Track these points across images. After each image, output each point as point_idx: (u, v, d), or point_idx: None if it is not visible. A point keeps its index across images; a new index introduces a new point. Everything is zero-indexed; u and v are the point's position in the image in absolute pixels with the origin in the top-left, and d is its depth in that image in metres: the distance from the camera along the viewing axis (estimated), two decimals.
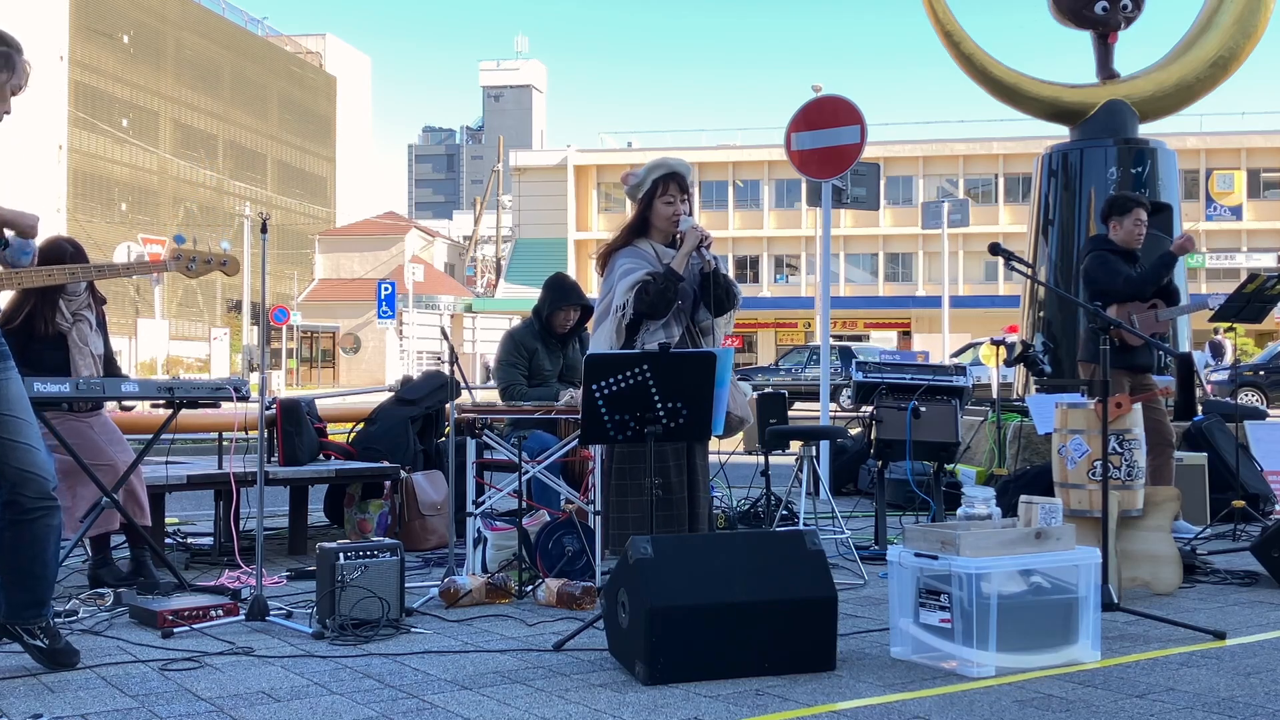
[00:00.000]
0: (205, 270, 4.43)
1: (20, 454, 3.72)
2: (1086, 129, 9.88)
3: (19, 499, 3.74)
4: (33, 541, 3.77)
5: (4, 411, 3.70)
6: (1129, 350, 6.60)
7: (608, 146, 61.53)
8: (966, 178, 53.38)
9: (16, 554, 3.77)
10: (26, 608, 3.80)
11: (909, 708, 3.41)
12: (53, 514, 3.81)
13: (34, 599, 3.82)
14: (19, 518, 3.76)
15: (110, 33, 60.51)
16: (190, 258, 4.37)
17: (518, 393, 6.30)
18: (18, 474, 3.72)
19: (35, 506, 3.76)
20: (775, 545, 3.99)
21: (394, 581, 4.45)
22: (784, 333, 52.51)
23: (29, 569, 3.79)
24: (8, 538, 3.77)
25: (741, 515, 7.26)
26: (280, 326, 42.99)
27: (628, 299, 4.94)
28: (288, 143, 74.55)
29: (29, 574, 3.79)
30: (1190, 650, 4.12)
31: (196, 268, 4.38)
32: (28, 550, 3.77)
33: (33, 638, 3.79)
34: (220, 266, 4.43)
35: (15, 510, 3.75)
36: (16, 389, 3.76)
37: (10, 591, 3.81)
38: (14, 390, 3.75)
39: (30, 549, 3.78)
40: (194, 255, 4.38)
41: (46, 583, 3.86)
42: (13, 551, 3.77)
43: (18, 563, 3.78)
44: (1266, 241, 50.27)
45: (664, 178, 5.10)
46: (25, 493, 3.74)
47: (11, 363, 3.79)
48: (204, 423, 7.94)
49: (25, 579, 3.79)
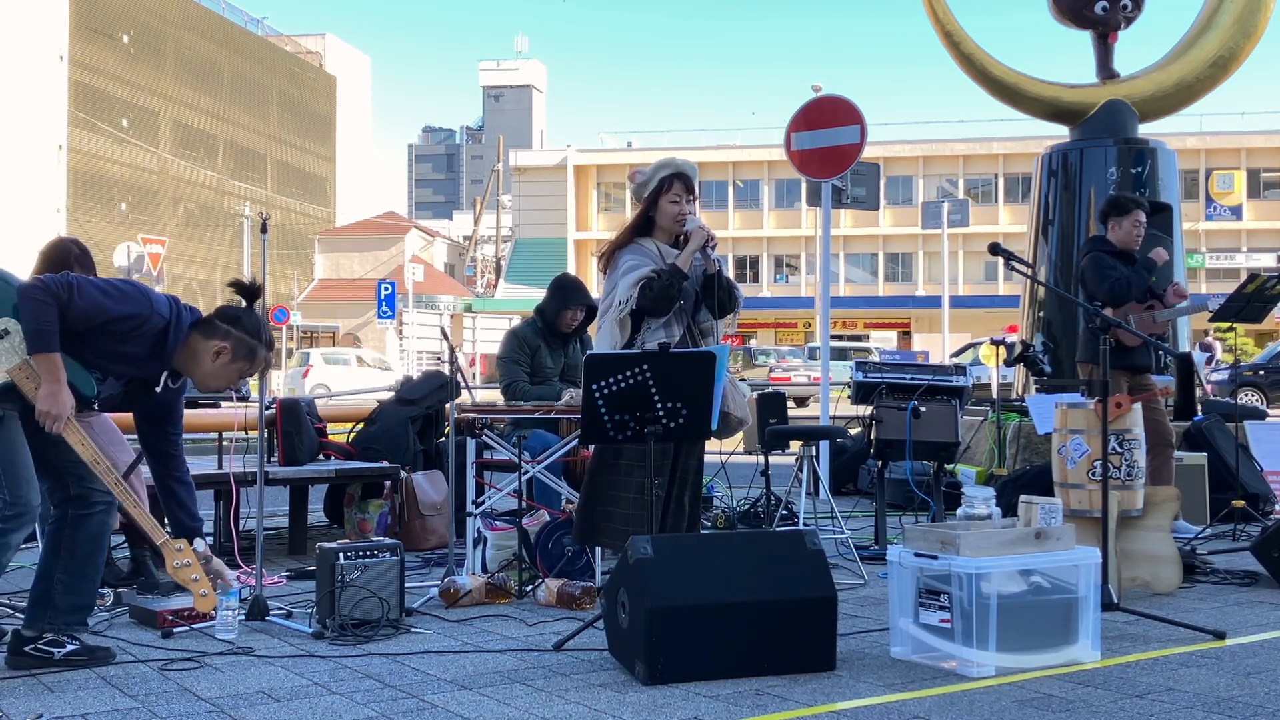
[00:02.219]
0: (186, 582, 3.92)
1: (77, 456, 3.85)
2: (1086, 129, 9.88)
3: (86, 493, 3.86)
4: (92, 538, 3.88)
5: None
6: (1126, 351, 6.60)
7: (608, 146, 61.54)
8: (966, 178, 53.37)
9: (74, 553, 3.85)
10: (74, 612, 3.88)
11: (909, 708, 3.41)
12: (111, 510, 3.94)
13: (83, 603, 3.92)
14: (82, 512, 3.87)
15: (110, 33, 60.48)
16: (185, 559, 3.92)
17: (520, 390, 6.29)
18: (85, 468, 3.81)
19: (99, 500, 3.88)
20: (775, 545, 3.99)
21: (394, 581, 4.45)
22: (784, 333, 52.50)
23: (81, 569, 3.87)
24: (66, 537, 3.86)
25: (741, 515, 7.27)
26: (280, 326, 42.99)
27: (631, 294, 4.94)
28: (288, 143, 74.52)
29: (81, 575, 3.88)
30: (1190, 650, 4.12)
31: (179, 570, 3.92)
32: (86, 547, 3.87)
33: (60, 647, 3.82)
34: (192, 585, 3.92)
35: (80, 505, 3.87)
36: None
37: (62, 595, 3.85)
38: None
39: (88, 545, 3.87)
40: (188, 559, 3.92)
41: (95, 586, 3.98)
42: (70, 551, 3.85)
43: (74, 562, 3.86)
44: (1266, 241, 50.27)
45: (670, 177, 5.10)
46: (93, 485, 3.84)
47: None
48: (204, 423, 7.93)
49: (79, 580, 3.87)
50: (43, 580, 3.87)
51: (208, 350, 3.87)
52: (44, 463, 3.84)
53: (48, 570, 3.87)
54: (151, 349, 3.79)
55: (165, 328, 3.78)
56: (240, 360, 3.90)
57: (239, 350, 3.90)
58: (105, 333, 3.71)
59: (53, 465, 3.86)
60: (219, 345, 3.88)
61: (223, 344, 3.88)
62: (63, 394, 3.63)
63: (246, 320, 3.94)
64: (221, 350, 3.88)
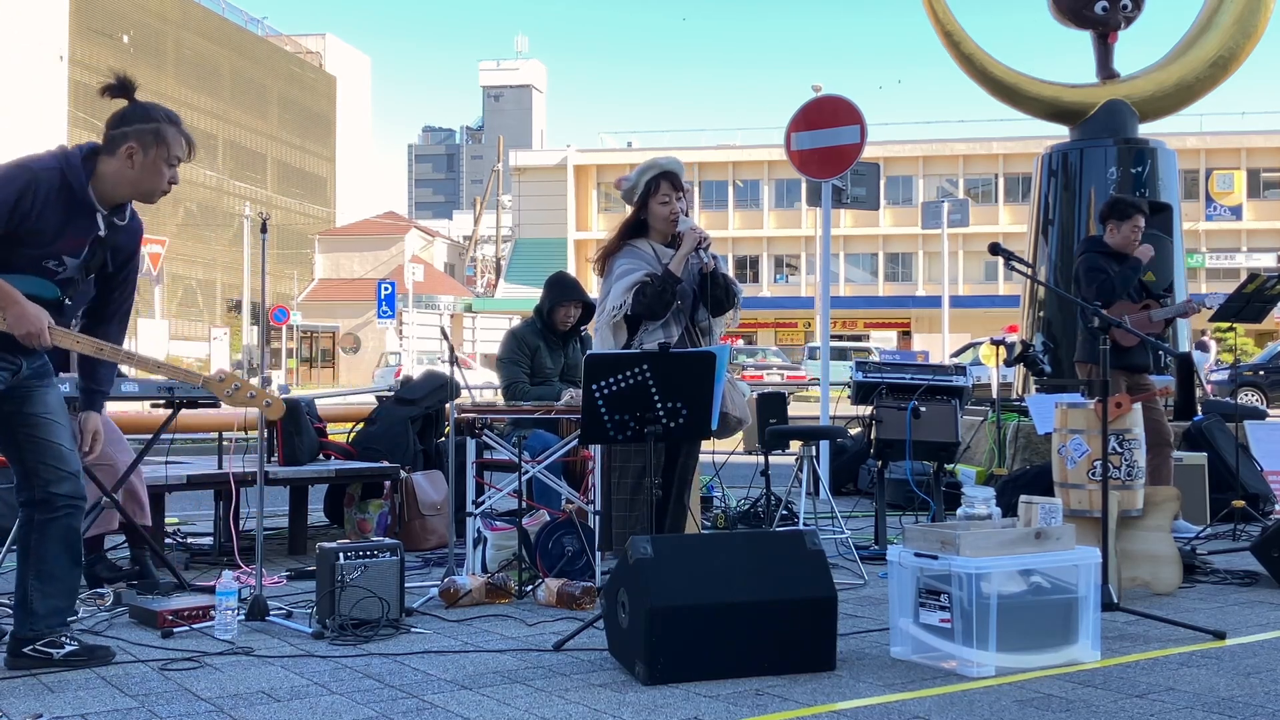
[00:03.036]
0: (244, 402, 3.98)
1: (54, 453, 3.81)
2: (1086, 129, 9.88)
3: (52, 497, 3.81)
4: (59, 542, 3.82)
5: (43, 415, 3.81)
6: (1124, 350, 6.60)
7: (608, 146, 61.55)
8: (966, 178, 53.38)
9: (43, 559, 3.81)
10: (51, 615, 3.82)
11: (909, 708, 3.41)
12: (77, 513, 3.86)
13: (60, 605, 3.85)
14: (46, 517, 3.81)
15: (110, 33, 60.48)
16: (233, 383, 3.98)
17: (520, 390, 6.30)
18: (53, 471, 3.79)
19: (64, 505, 3.82)
20: (775, 545, 3.99)
21: (394, 581, 4.45)
22: (784, 333, 52.53)
23: (52, 573, 3.82)
24: (34, 543, 3.82)
25: (741, 515, 7.27)
26: (280, 326, 43.00)
27: (625, 299, 4.94)
28: (288, 143, 74.51)
29: (53, 579, 3.82)
30: (1190, 650, 4.12)
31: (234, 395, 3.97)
32: (53, 551, 3.81)
33: (59, 648, 3.80)
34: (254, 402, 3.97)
35: (44, 509, 3.81)
36: (55, 397, 3.88)
37: (38, 600, 3.81)
38: (53, 398, 3.87)
39: (56, 549, 3.81)
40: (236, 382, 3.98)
41: (69, 588, 3.91)
42: (39, 557, 3.81)
43: (44, 567, 3.81)
44: (1266, 241, 50.28)
45: (657, 177, 5.09)
46: (59, 490, 3.80)
47: (53, 379, 3.90)
48: (204, 423, 7.95)
49: (50, 584, 3.82)
50: (19, 586, 3.84)
51: (119, 161, 3.70)
52: (18, 458, 3.81)
53: (21, 576, 3.84)
54: (64, 208, 3.63)
55: (61, 177, 3.62)
56: (153, 147, 3.72)
57: (145, 139, 3.72)
58: (14, 225, 3.55)
59: (24, 462, 3.81)
60: (126, 148, 3.70)
61: (128, 145, 3.71)
62: (27, 309, 3.54)
63: (133, 113, 3.77)
64: (131, 150, 3.70)
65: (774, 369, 38.57)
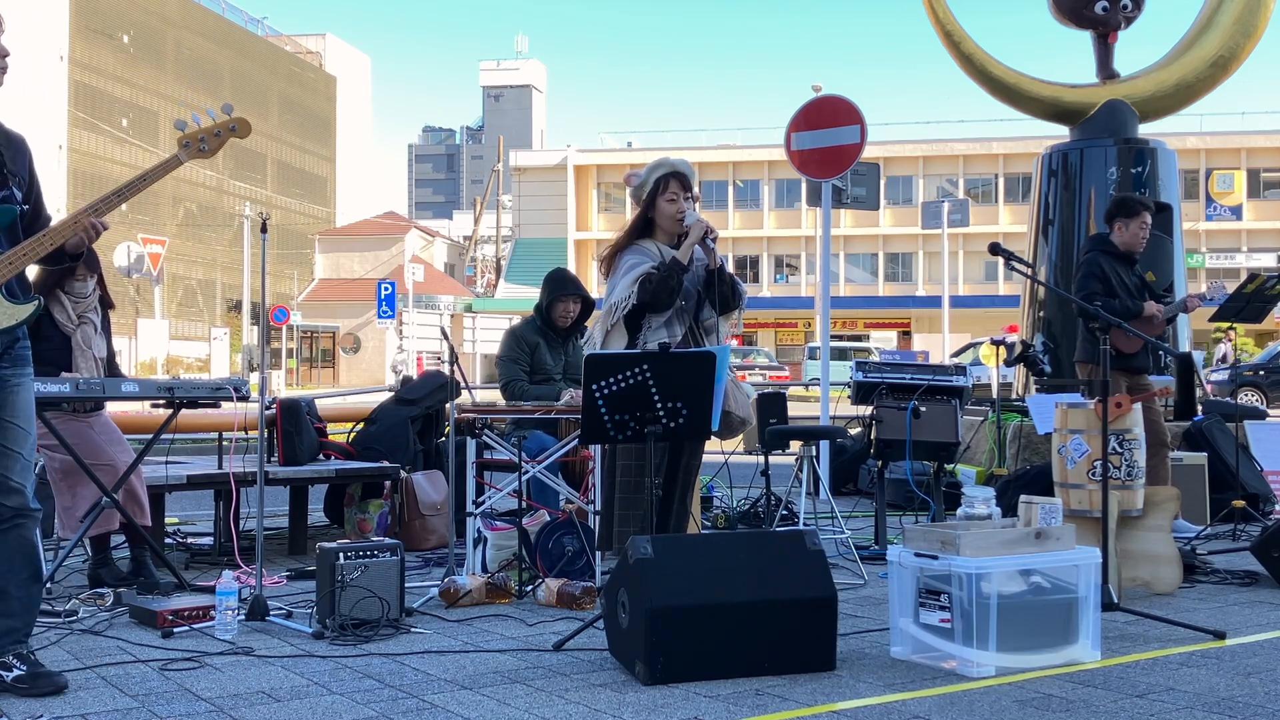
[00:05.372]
0: (218, 144, 3.85)
1: (10, 462, 3.59)
2: (1086, 129, 9.89)
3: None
4: (11, 552, 3.59)
5: (6, 418, 3.60)
6: (1122, 351, 6.59)
7: (608, 146, 61.57)
8: (966, 178, 53.38)
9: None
10: (5, 635, 3.56)
11: (909, 708, 3.41)
12: (28, 525, 3.63)
13: (14, 625, 3.59)
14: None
15: (110, 33, 60.50)
16: (199, 137, 3.83)
17: (519, 389, 6.29)
18: (3, 481, 3.58)
19: (13, 516, 3.59)
20: (775, 545, 3.99)
21: (394, 581, 4.45)
22: (784, 333, 52.54)
23: (4, 587, 3.58)
24: None
25: (741, 515, 7.27)
26: (280, 326, 42.98)
27: (631, 292, 4.93)
28: (288, 143, 74.53)
29: (5, 593, 3.58)
30: (1190, 650, 4.12)
31: (209, 145, 3.83)
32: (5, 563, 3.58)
33: (8, 670, 3.52)
34: (231, 133, 3.86)
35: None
36: (25, 397, 3.65)
37: None
38: (23, 398, 3.64)
39: (9, 561, 3.58)
40: (201, 134, 3.84)
41: (24, 605, 3.63)
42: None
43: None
44: (1266, 241, 50.28)
45: (666, 176, 5.09)
46: (5, 502, 3.58)
47: (30, 370, 3.70)
48: (204, 423, 7.94)
49: (4, 599, 3.58)
50: None
51: None
52: None
53: None
54: None
55: None
56: None
57: None
58: None
59: None
60: None
61: None
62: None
63: None
64: None
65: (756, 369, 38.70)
